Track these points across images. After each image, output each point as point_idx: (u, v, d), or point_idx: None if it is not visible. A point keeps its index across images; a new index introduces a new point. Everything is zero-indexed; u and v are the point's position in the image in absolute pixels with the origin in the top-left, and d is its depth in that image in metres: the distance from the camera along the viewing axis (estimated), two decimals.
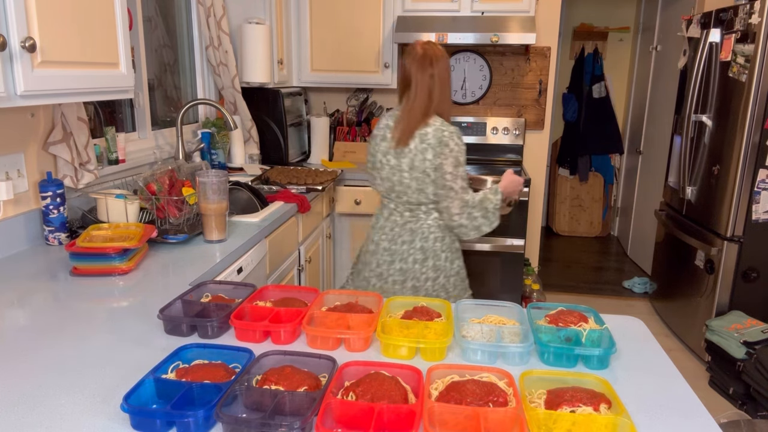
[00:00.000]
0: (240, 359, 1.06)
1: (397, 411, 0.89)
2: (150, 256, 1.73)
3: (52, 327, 1.25)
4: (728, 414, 2.35)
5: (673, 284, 3.55)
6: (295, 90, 3.49)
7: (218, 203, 1.83)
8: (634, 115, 5.08)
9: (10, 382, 1.03)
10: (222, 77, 2.98)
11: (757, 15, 2.70)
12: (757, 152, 2.82)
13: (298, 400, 0.91)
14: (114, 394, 0.99)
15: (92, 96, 1.59)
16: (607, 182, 5.46)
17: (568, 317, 1.21)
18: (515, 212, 3.22)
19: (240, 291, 1.36)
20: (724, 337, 2.76)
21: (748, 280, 2.96)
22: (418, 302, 1.29)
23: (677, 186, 3.46)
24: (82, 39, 1.50)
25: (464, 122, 3.77)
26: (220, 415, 0.85)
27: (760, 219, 2.89)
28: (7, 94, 1.28)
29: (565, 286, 4.26)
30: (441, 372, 1.02)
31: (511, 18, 3.27)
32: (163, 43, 2.81)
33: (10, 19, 1.26)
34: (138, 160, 2.39)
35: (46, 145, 1.87)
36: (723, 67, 3.01)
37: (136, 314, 1.33)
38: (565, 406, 0.92)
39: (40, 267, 1.64)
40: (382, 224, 2.05)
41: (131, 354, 1.14)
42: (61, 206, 1.83)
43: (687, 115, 3.27)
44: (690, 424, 0.94)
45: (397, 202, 2.01)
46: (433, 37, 3.24)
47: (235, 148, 3.10)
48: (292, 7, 3.42)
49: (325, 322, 1.20)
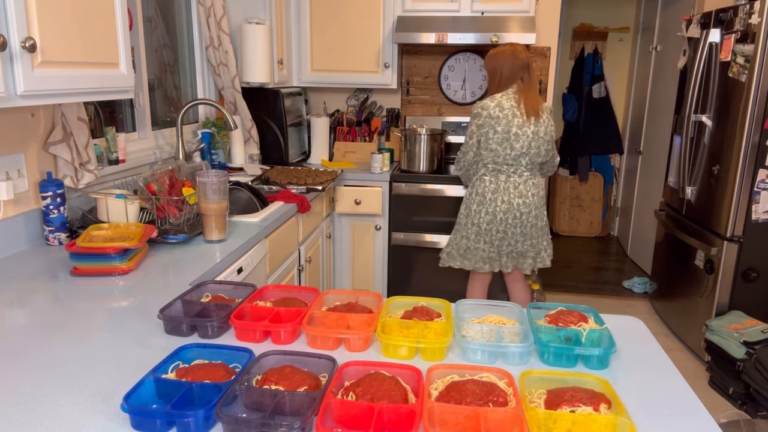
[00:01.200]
0: (240, 359, 1.06)
1: (397, 411, 0.89)
2: (150, 256, 1.73)
3: (52, 327, 1.25)
4: (728, 414, 2.35)
5: (673, 284, 3.55)
6: (295, 90, 3.50)
7: (218, 203, 1.83)
8: (634, 115, 5.08)
9: (10, 382, 1.03)
10: (222, 77, 2.98)
11: (757, 15, 2.70)
12: (757, 152, 2.82)
13: (298, 400, 0.91)
14: (114, 394, 0.99)
15: (92, 96, 1.59)
16: (607, 182, 5.46)
17: (568, 317, 1.21)
18: None
19: (240, 291, 1.36)
20: (724, 337, 2.76)
21: (748, 280, 2.96)
22: (418, 302, 1.29)
23: (677, 186, 3.46)
24: (82, 39, 1.50)
25: (464, 122, 3.77)
26: (220, 415, 0.86)
27: (760, 219, 2.89)
28: (7, 94, 1.28)
29: (565, 286, 4.26)
30: (441, 372, 1.02)
31: (511, 18, 3.27)
32: (163, 43, 2.81)
33: (11, 19, 1.26)
34: (138, 160, 2.39)
35: (46, 145, 1.88)
36: (723, 67, 3.01)
37: (136, 314, 1.33)
38: (565, 406, 0.92)
39: (40, 267, 1.64)
40: (505, 186, 2.62)
41: (131, 354, 1.14)
42: (62, 206, 1.83)
43: (687, 115, 3.27)
44: (690, 424, 0.94)
45: (516, 165, 2.60)
46: (433, 37, 3.25)
47: (235, 148, 3.10)
48: (292, 7, 3.42)
49: (325, 322, 1.20)
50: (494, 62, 2.63)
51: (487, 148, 2.59)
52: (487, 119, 2.56)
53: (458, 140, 3.80)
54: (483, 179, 2.65)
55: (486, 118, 2.56)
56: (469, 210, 2.69)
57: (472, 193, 2.70)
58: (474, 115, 2.62)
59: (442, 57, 3.80)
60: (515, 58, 2.58)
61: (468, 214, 2.70)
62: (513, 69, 2.58)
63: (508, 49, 2.60)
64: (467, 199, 2.72)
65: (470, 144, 2.65)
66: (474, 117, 2.62)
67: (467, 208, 2.71)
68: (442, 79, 3.83)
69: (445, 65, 3.80)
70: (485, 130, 2.57)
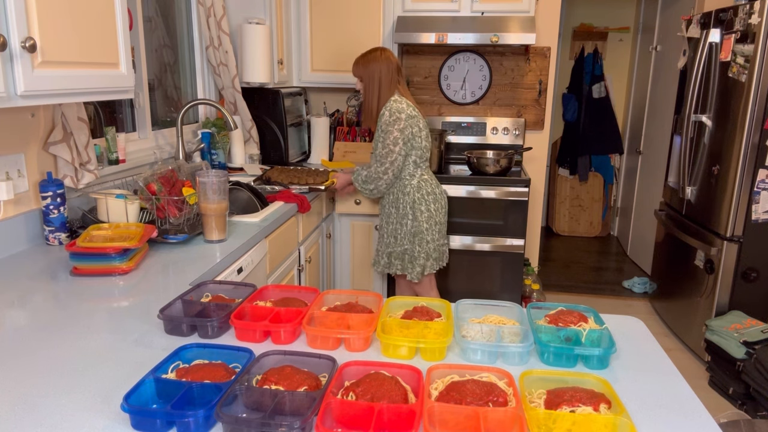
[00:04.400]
0: (240, 359, 1.06)
1: (397, 411, 0.89)
2: (150, 256, 1.73)
3: (52, 327, 1.25)
4: (728, 414, 2.35)
5: (672, 284, 3.55)
6: (295, 90, 3.50)
7: (218, 203, 1.83)
8: (634, 115, 5.08)
9: (10, 382, 1.03)
10: (222, 77, 2.98)
11: (757, 15, 2.70)
12: (757, 152, 2.82)
13: (298, 400, 0.91)
14: (114, 394, 0.99)
15: (92, 96, 1.60)
16: (606, 182, 5.46)
17: (568, 317, 1.21)
18: (515, 212, 3.22)
19: (240, 291, 1.36)
20: (724, 337, 2.76)
21: (747, 280, 2.96)
22: (418, 302, 1.29)
23: (677, 186, 3.46)
24: (82, 39, 1.51)
25: (464, 122, 3.77)
26: (220, 414, 0.86)
27: (759, 219, 2.89)
28: (7, 94, 1.28)
29: (564, 286, 4.26)
30: (441, 372, 1.02)
31: (511, 18, 3.27)
32: (163, 43, 2.81)
33: (11, 19, 1.26)
34: (138, 160, 2.39)
35: (46, 145, 1.88)
36: (723, 67, 3.01)
37: (137, 314, 1.33)
38: (564, 406, 0.92)
39: (41, 267, 1.64)
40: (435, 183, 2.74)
41: (131, 354, 1.14)
42: (62, 206, 1.83)
43: (687, 115, 3.27)
44: (690, 424, 0.94)
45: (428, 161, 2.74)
46: (433, 37, 3.25)
47: (235, 148, 3.10)
48: (292, 7, 3.42)
49: (325, 322, 1.21)
50: (370, 69, 2.58)
51: (417, 146, 2.60)
52: (408, 120, 2.55)
53: (458, 140, 3.80)
54: (423, 178, 2.66)
55: (406, 120, 2.54)
56: (429, 212, 2.66)
57: (420, 196, 2.65)
58: (391, 122, 2.53)
59: (442, 57, 3.80)
60: (389, 62, 2.57)
61: (429, 217, 2.66)
62: (390, 73, 2.58)
63: (380, 55, 2.58)
64: (415, 205, 2.64)
65: (397, 151, 2.56)
66: (392, 124, 2.53)
67: (427, 210, 2.66)
68: (442, 79, 3.83)
69: (445, 65, 3.80)
70: (410, 130, 2.56)
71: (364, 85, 2.64)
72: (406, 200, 2.65)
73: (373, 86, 2.60)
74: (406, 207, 2.66)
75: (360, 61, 2.62)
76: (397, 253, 2.74)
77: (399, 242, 2.72)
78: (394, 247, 2.75)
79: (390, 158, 2.57)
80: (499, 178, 3.22)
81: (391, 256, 2.77)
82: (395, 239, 2.73)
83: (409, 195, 2.65)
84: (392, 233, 2.74)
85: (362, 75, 2.62)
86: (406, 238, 2.69)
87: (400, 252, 2.73)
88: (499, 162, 3.24)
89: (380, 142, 2.58)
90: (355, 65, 2.64)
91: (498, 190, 3.21)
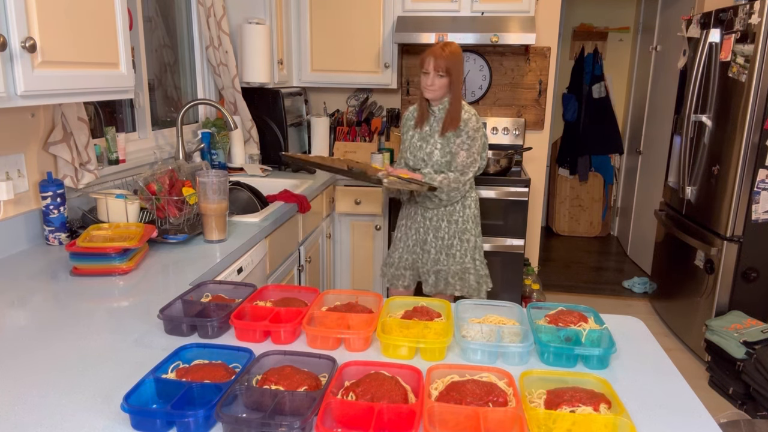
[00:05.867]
0: (240, 359, 1.06)
1: (397, 411, 0.89)
2: (150, 256, 1.73)
3: (52, 327, 1.25)
4: (728, 414, 2.35)
5: (672, 284, 3.55)
6: (295, 90, 3.50)
7: (218, 203, 1.83)
8: (634, 115, 5.08)
9: (10, 381, 1.03)
10: (222, 77, 2.98)
11: (757, 15, 2.70)
12: (757, 152, 2.82)
13: (298, 400, 0.91)
14: (114, 394, 0.99)
15: (92, 96, 1.60)
16: (606, 182, 5.46)
17: (568, 317, 1.21)
18: (515, 212, 3.22)
19: (240, 291, 1.36)
20: (724, 337, 2.76)
21: (747, 280, 2.96)
22: (418, 302, 1.29)
23: (677, 186, 3.46)
24: (82, 39, 1.50)
25: None
26: (220, 414, 0.86)
27: (759, 219, 2.89)
28: (7, 94, 1.28)
29: (564, 286, 4.26)
30: (441, 372, 1.02)
31: (511, 18, 3.27)
32: (163, 43, 2.81)
33: (11, 20, 1.26)
34: (138, 160, 2.39)
35: (46, 145, 1.88)
36: (723, 67, 3.01)
37: (137, 314, 1.33)
38: (564, 406, 0.92)
39: (41, 267, 1.64)
40: None
41: (131, 354, 1.14)
42: (62, 206, 1.83)
43: (687, 115, 3.27)
44: (690, 424, 0.94)
45: None
46: (433, 37, 3.25)
47: (235, 148, 3.10)
48: (292, 7, 3.42)
49: (325, 322, 1.20)
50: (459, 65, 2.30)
51: (485, 157, 2.55)
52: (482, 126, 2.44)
53: None
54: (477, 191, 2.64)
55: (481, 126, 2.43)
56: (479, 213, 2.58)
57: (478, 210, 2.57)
58: (478, 128, 2.38)
59: None
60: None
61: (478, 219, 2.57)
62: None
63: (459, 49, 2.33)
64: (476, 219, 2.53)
65: (480, 161, 2.47)
66: (479, 130, 2.38)
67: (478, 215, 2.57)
68: None
69: None
70: (485, 139, 2.52)
71: (451, 80, 2.30)
72: (467, 213, 2.46)
73: (460, 84, 2.32)
74: (467, 221, 2.46)
75: (450, 56, 2.26)
76: (454, 272, 2.47)
77: (458, 260, 2.46)
78: (447, 265, 2.47)
79: (473, 168, 2.40)
80: (499, 178, 3.22)
81: (439, 274, 2.50)
82: (449, 256, 2.47)
83: (470, 208, 2.48)
84: (443, 249, 2.47)
85: (452, 69, 2.28)
86: (468, 255, 2.45)
87: (460, 270, 2.46)
88: (499, 162, 3.24)
89: (464, 150, 2.34)
90: (444, 58, 2.26)
91: (498, 190, 3.21)
